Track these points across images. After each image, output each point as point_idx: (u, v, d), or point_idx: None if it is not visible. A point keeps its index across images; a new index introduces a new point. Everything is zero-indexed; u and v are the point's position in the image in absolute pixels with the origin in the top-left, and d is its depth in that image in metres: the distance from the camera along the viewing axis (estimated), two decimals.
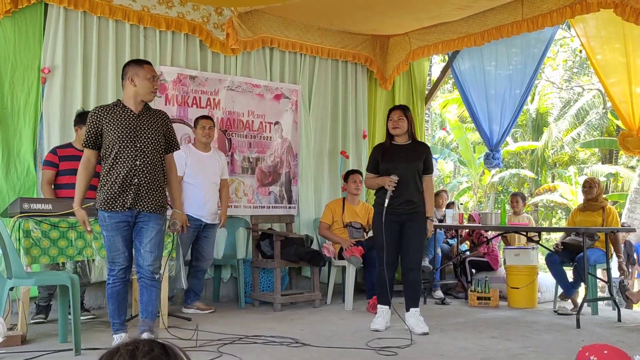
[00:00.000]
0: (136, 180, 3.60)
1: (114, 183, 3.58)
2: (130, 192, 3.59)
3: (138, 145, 3.62)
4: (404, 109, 4.74)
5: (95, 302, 5.47)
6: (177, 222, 3.88)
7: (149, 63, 3.79)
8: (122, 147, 3.58)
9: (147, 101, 3.74)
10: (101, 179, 3.64)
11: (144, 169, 3.63)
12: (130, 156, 3.59)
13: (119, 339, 3.62)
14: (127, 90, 3.69)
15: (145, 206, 3.64)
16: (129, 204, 3.59)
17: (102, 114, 3.62)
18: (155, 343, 1.16)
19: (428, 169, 4.72)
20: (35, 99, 5.20)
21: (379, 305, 4.74)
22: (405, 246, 4.64)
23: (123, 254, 3.65)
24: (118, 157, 3.58)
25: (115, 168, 3.58)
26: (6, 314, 3.82)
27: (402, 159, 4.63)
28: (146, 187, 3.64)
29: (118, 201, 3.58)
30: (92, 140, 3.62)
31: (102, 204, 3.59)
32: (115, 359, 1.14)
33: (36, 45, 5.23)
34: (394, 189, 4.54)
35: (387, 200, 4.54)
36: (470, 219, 7.31)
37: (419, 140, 4.93)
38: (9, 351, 3.69)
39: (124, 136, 3.59)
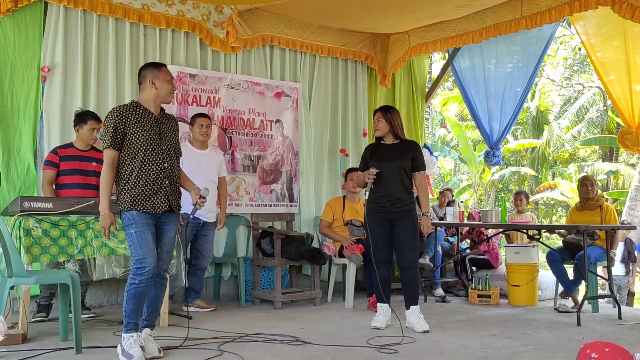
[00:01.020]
0: (167, 182, 3.62)
1: (145, 185, 3.54)
2: (163, 194, 3.59)
3: (164, 147, 3.63)
4: (383, 111, 4.76)
5: (96, 301, 5.48)
6: (207, 190, 3.79)
7: (165, 65, 3.80)
8: (149, 149, 3.56)
9: (167, 102, 3.75)
10: (126, 180, 3.56)
11: (171, 171, 3.66)
12: (158, 159, 3.59)
13: (130, 338, 3.50)
14: (147, 92, 3.67)
15: (172, 206, 3.66)
16: (163, 207, 3.59)
17: (126, 114, 3.56)
18: None
19: (418, 166, 4.71)
20: (35, 98, 5.20)
21: (378, 304, 4.75)
22: (398, 246, 4.67)
23: (153, 250, 3.54)
24: (146, 160, 3.55)
25: (144, 170, 3.55)
26: (7, 312, 3.83)
27: (387, 157, 4.67)
28: (173, 189, 3.67)
29: (149, 203, 3.55)
30: (118, 140, 3.54)
31: (132, 204, 3.52)
32: None
33: (36, 43, 5.23)
34: (373, 181, 4.59)
35: (367, 193, 4.63)
36: (470, 217, 7.31)
37: (408, 138, 4.96)
38: (10, 349, 3.70)
39: (151, 138, 3.57)
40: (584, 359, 2.61)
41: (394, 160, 4.66)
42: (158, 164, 3.59)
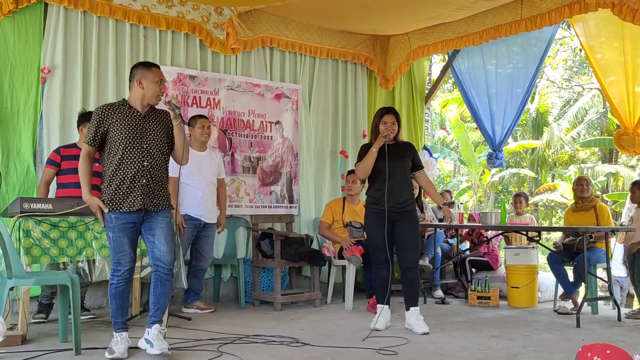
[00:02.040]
0: (144, 181, 3.60)
1: (121, 184, 3.56)
2: (139, 192, 3.58)
3: (144, 146, 3.62)
4: (396, 114, 4.78)
5: (95, 302, 5.48)
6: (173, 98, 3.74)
7: (157, 66, 3.78)
8: (127, 147, 3.57)
9: (153, 104, 3.73)
10: (106, 179, 3.61)
11: (151, 170, 3.63)
12: (137, 157, 3.59)
13: (119, 337, 3.61)
14: (134, 92, 3.69)
15: (152, 206, 3.64)
16: (138, 205, 3.58)
17: (109, 113, 3.60)
18: None
19: (419, 165, 4.82)
20: (35, 99, 5.20)
21: (378, 305, 4.76)
22: (400, 246, 4.67)
23: (129, 255, 3.62)
24: (125, 158, 3.57)
25: (122, 169, 3.57)
26: (6, 313, 3.83)
27: (393, 157, 4.65)
28: (153, 188, 3.64)
29: (126, 202, 3.56)
30: (97, 138, 3.59)
31: (109, 204, 3.56)
32: None
33: (36, 45, 5.24)
34: (389, 134, 4.61)
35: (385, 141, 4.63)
36: (470, 218, 7.31)
37: (405, 140, 5.03)
38: (9, 351, 3.70)
39: (131, 137, 3.58)
40: None
41: (398, 159, 4.68)
42: (137, 162, 3.59)
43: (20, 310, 4.04)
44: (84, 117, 4.91)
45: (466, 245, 7.37)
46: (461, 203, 12.52)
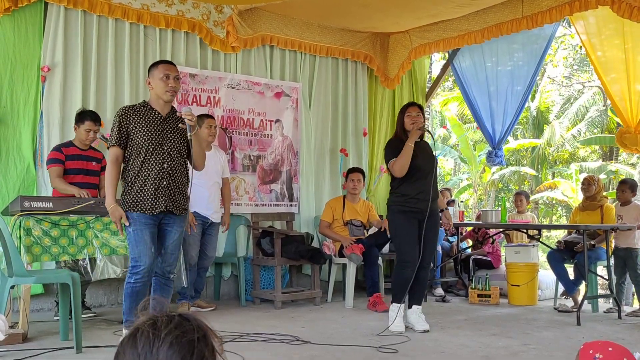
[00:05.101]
0: (165, 183, 3.58)
1: (143, 186, 3.54)
2: (160, 195, 3.56)
3: (165, 148, 3.59)
4: (420, 107, 4.70)
5: (96, 300, 5.48)
6: (188, 108, 3.66)
7: (166, 62, 3.72)
8: (149, 149, 3.55)
9: (165, 101, 3.66)
10: (128, 180, 3.58)
11: (171, 172, 3.61)
12: (158, 159, 3.56)
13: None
14: (150, 93, 3.70)
15: (172, 208, 3.62)
16: (161, 207, 3.55)
17: (130, 114, 3.58)
18: (171, 314, 1.15)
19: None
20: (34, 98, 5.20)
21: (394, 304, 4.56)
22: (422, 245, 4.52)
23: (150, 249, 3.55)
24: (146, 160, 3.55)
25: (144, 171, 3.55)
26: (7, 312, 3.83)
27: (425, 155, 4.60)
28: (173, 190, 3.61)
29: (148, 204, 3.54)
30: (122, 138, 3.56)
31: (131, 205, 3.54)
32: (138, 336, 1.11)
33: (36, 43, 5.24)
34: (423, 124, 4.53)
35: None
36: (478, 217, 7.30)
37: None
38: (10, 349, 3.70)
39: (152, 139, 3.56)
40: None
41: (431, 157, 4.67)
42: (158, 164, 3.57)
43: (21, 309, 4.05)
44: (80, 117, 4.91)
45: (467, 243, 7.37)
46: (461, 201, 12.52)
